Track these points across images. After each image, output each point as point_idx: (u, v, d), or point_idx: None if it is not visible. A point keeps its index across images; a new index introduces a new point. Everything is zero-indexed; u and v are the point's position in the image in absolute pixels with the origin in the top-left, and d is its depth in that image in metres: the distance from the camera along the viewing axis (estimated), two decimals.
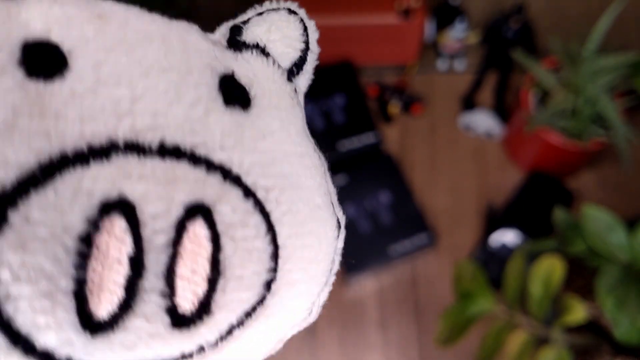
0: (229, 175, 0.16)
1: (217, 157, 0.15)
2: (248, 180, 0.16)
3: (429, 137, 0.77)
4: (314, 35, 0.20)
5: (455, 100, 0.79)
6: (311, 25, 0.20)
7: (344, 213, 0.21)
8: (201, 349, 0.15)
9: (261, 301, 0.16)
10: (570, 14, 0.82)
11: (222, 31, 0.19)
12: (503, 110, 0.77)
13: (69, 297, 0.13)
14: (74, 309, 0.13)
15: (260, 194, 0.16)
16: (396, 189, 0.72)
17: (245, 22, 0.19)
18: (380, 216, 0.70)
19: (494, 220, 0.70)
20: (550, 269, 0.51)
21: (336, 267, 0.20)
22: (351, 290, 0.69)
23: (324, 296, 0.20)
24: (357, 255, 0.68)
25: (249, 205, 0.16)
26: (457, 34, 0.77)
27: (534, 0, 0.81)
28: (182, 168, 0.15)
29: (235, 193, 0.15)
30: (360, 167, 0.73)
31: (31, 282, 0.13)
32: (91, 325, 0.13)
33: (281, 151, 0.17)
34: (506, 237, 0.68)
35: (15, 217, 0.13)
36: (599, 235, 0.50)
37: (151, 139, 0.15)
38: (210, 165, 0.15)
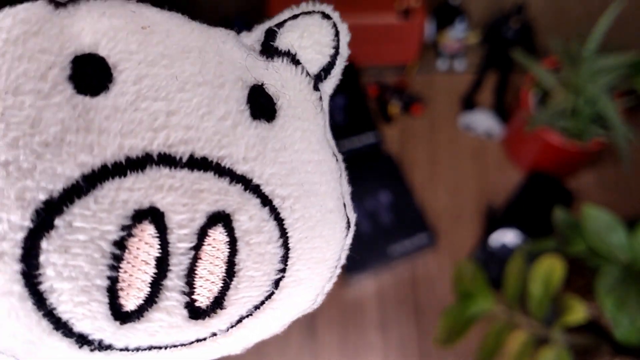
0: (249, 185, 0.17)
1: (241, 168, 0.17)
2: (267, 189, 0.17)
3: (429, 137, 0.77)
4: (345, 39, 0.21)
5: (455, 100, 0.79)
6: (343, 28, 0.21)
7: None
8: (213, 335, 0.17)
9: (269, 296, 0.18)
10: (570, 13, 0.82)
11: (258, 34, 0.20)
12: (503, 110, 0.77)
13: (102, 292, 0.15)
14: (106, 303, 0.15)
15: (276, 202, 0.17)
16: (396, 189, 0.72)
17: (280, 25, 0.20)
18: (380, 216, 0.70)
19: (494, 220, 0.70)
20: (550, 269, 0.51)
21: (342, 261, 0.21)
22: (351, 291, 0.69)
23: (328, 287, 0.21)
24: (357, 256, 0.68)
25: (265, 213, 0.17)
26: (457, 34, 0.77)
27: (534, 0, 0.81)
28: (208, 179, 0.16)
29: (254, 202, 0.17)
30: (360, 167, 0.73)
31: (71, 280, 0.15)
32: (120, 316, 0.15)
33: (300, 161, 0.19)
34: (506, 237, 0.68)
35: (60, 223, 0.14)
36: (599, 235, 0.50)
37: (183, 152, 0.16)
38: (233, 176, 0.17)
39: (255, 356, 0.67)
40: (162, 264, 0.15)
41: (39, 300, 0.15)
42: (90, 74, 0.15)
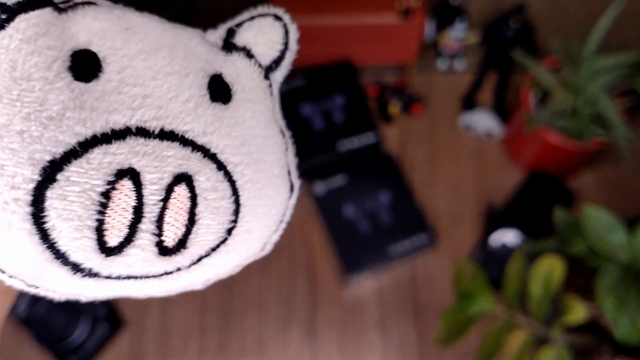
0: (207, 153, 0.21)
1: (201, 140, 0.21)
2: (222, 157, 0.22)
3: (429, 137, 0.77)
4: (294, 36, 0.26)
5: (455, 100, 0.79)
6: (293, 28, 0.26)
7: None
8: (178, 270, 0.22)
9: (223, 241, 0.22)
10: (570, 13, 0.82)
11: (221, 32, 0.25)
12: (503, 110, 0.77)
13: (92, 231, 0.19)
14: (95, 239, 0.19)
15: (230, 167, 0.22)
16: (396, 189, 0.72)
17: (239, 25, 0.25)
18: (380, 216, 0.70)
19: (494, 220, 0.70)
20: (550, 268, 0.51)
21: (287, 218, 0.26)
22: (351, 291, 0.69)
23: (275, 238, 0.26)
24: (357, 255, 0.68)
25: (220, 175, 0.21)
26: (457, 34, 0.77)
27: (534, 0, 0.81)
28: (174, 148, 0.20)
29: (211, 167, 0.21)
30: (360, 167, 0.73)
31: (69, 221, 0.19)
32: (105, 250, 0.20)
33: (250, 135, 0.23)
34: (506, 237, 0.68)
35: (61, 178, 0.19)
36: (599, 235, 0.50)
37: (155, 126, 0.20)
38: (195, 146, 0.21)
39: (255, 355, 0.67)
40: (138, 212, 0.20)
41: (44, 236, 0.19)
42: (85, 66, 0.20)
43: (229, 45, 0.25)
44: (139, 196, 0.20)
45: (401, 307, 0.68)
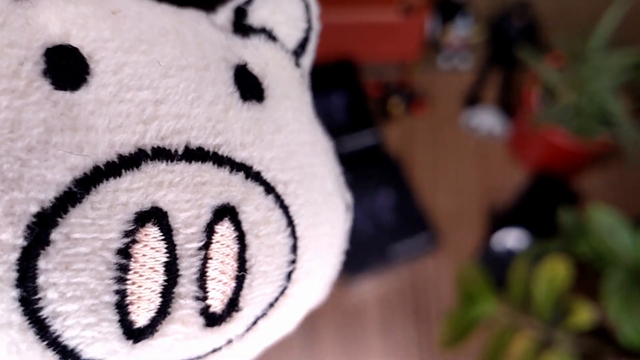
0: (250, 173, 0.16)
1: (239, 155, 0.16)
2: (268, 176, 0.16)
3: (431, 136, 0.76)
4: (316, 12, 0.20)
5: (458, 98, 0.78)
6: (313, 1, 0.20)
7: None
8: (229, 342, 0.16)
9: (282, 291, 0.17)
10: (575, 11, 0.81)
11: (227, 14, 0.19)
12: (507, 108, 0.76)
13: (112, 309, 0.14)
14: (117, 321, 0.14)
15: (279, 189, 0.17)
16: (398, 189, 0.71)
17: (248, 3, 0.19)
18: (381, 217, 0.70)
19: (498, 221, 0.70)
20: (554, 270, 0.50)
21: (344, 247, 0.21)
22: (352, 293, 0.68)
23: (334, 275, 0.20)
24: (357, 257, 0.68)
25: (270, 201, 0.16)
26: (461, 32, 0.76)
27: None
28: (208, 170, 0.15)
29: (258, 191, 0.16)
30: (361, 167, 0.72)
31: (77, 300, 0.13)
32: (133, 333, 0.14)
33: (296, 142, 0.18)
34: (510, 238, 0.68)
35: (57, 237, 0.13)
36: (603, 238, 0.49)
37: (177, 143, 0.15)
38: (233, 165, 0.16)
39: None
40: (172, 269, 0.14)
41: (42, 329, 0.13)
42: (66, 67, 0.14)
43: (242, 28, 0.19)
44: (171, 247, 0.14)
45: (402, 309, 0.68)
